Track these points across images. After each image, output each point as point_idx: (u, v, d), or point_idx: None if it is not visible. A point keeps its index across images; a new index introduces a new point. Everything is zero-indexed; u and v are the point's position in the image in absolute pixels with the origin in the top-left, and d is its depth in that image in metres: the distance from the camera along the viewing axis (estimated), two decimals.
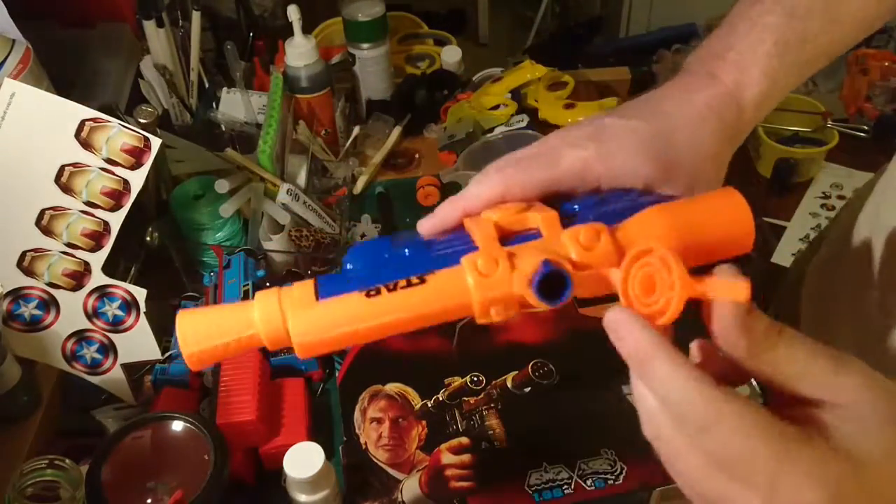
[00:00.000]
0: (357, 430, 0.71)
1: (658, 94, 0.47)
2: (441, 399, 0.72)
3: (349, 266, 0.40)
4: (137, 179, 0.71)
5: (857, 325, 0.65)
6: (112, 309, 0.73)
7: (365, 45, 1.05)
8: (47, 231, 0.70)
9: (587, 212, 0.41)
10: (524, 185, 0.43)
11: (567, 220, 0.40)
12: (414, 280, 0.36)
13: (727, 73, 0.46)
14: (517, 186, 0.43)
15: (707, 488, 0.33)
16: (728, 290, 0.33)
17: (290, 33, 0.96)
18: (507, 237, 0.40)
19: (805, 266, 0.80)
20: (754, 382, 0.69)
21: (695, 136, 0.45)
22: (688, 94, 0.46)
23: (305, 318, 0.36)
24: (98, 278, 0.72)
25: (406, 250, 0.40)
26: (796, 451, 0.31)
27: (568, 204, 0.43)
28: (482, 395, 0.72)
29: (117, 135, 0.69)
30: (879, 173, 0.69)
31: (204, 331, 0.37)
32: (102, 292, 0.72)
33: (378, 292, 0.35)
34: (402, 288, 0.35)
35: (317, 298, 0.37)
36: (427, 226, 0.44)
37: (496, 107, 1.07)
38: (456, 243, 0.40)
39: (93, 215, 0.71)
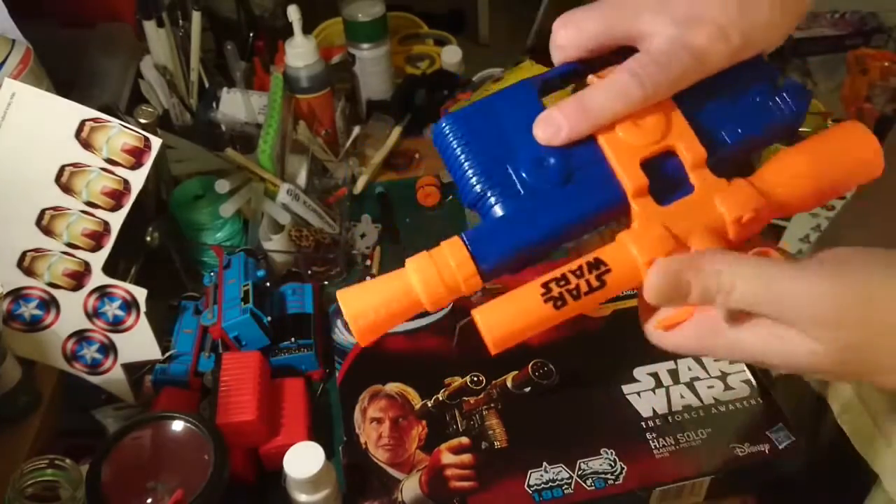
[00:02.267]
0: (357, 430, 0.71)
1: None
2: (441, 399, 0.72)
3: (493, 206, 0.39)
4: (138, 179, 0.71)
5: None
6: (112, 309, 0.73)
7: (365, 46, 1.05)
8: (48, 231, 0.70)
9: (694, 107, 0.40)
10: (668, 92, 0.39)
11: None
12: (594, 282, 0.38)
13: None
14: (660, 96, 0.39)
15: None
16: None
17: (290, 33, 0.96)
18: (649, 172, 0.39)
19: None
20: (748, 371, 0.69)
21: None
22: None
23: (494, 320, 0.38)
24: (98, 278, 0.72)
25: (535, 177, 0.39)
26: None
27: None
28: (482, 395, 0.72)
29: (117, 135, 0.69)
30: None
31: (370, 303, 0.39)
32: (103, 292, 0.72)
33: (563, 301, 0.37)
34: (586, 294, 0.38)
35: (475, 263, 0.38)
36: (555, 141, 0.40)
37: None
38: (592, 168, 0.40)
39: (93, 215, 0.71)
